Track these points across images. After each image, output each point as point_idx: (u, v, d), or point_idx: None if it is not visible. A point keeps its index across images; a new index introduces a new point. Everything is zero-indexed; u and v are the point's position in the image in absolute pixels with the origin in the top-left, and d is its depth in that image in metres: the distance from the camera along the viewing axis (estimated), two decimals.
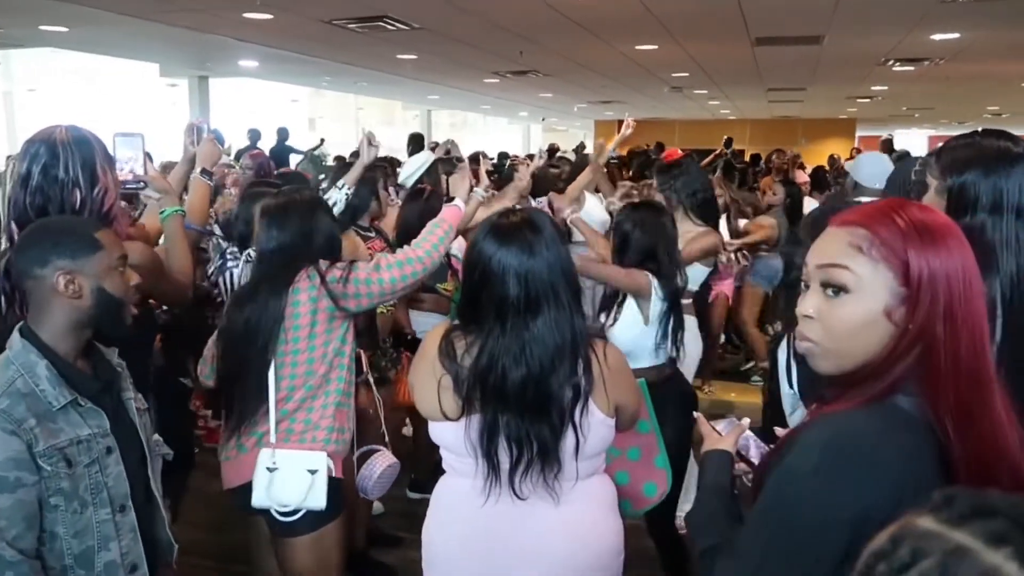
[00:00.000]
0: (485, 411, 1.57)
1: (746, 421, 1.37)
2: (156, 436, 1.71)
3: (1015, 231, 1.62)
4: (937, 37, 6.96)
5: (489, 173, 4.72)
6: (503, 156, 9.08)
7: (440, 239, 2.22)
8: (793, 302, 1.10)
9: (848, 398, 1.01)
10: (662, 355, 2.61)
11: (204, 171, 2.40)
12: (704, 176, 3.47)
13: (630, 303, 2.62)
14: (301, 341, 2.02)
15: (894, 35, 6.95)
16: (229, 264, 2.82)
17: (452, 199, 2.47)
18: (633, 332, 2.57)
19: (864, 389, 1.00)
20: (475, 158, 5.37)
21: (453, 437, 1.61)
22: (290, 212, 2.12)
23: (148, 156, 2.17)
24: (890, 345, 0.99)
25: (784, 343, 2.33)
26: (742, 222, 5.26)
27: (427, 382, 1.63)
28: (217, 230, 3.23)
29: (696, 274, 3.20)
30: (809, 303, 1.03)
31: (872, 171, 3.36)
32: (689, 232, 3.19)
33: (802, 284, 1.08)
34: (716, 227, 3.44)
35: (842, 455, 0.94)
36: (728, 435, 1.31)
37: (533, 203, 5.17)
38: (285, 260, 2.07)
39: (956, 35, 6.87)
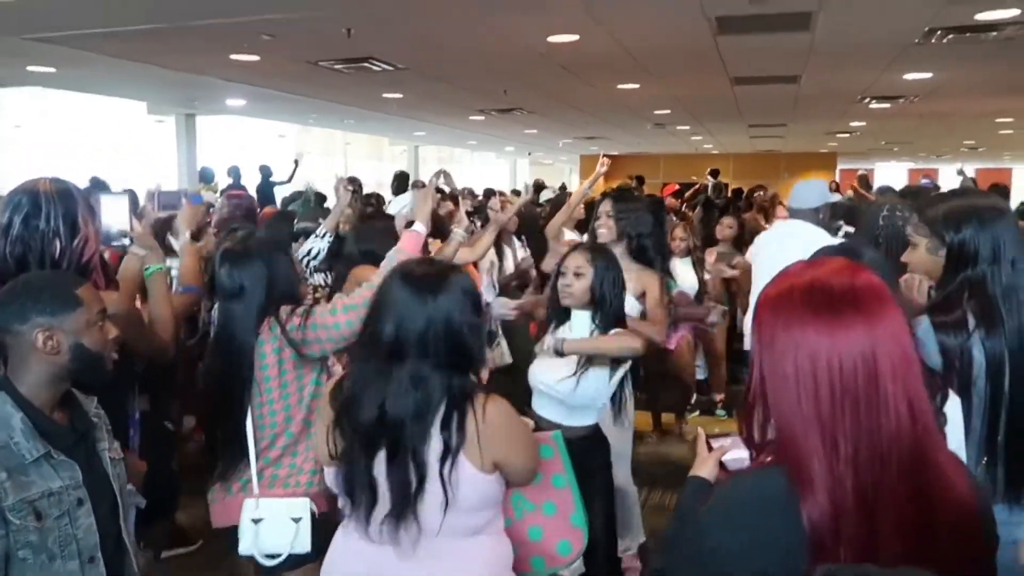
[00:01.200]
0: (348, 449, 1.56)
1: (736, 439, 1.40)
2: (130, 486, 1.72)
3: (1013, 280, 1.73)
4: (910, 76, 7.14)
5: (469, 214, 4.76)
6: (489, 193, 9.17)
7: None
8: None
9: (762, 458, 1.10)
10: (602, 413, 2.54)
11: (192, 236, 2.43)
12: (649, 222, 3.37)
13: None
14: (274, 391, 2.05)
15: (869, 75, 7.13)
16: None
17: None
18: (597, 386, 2.44)
19: (768, 451, 1.08)
20: (455, 197, 5.43)
21: (332, 478, 1.63)
22: (249, 255, 2.12)
23: (136, 211, 2.21)
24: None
25: None
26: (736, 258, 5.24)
27: (320, 427, 1.65)
28: None
29: (631, 310, 3.03)
30: None
31: (804, 195, 3.67)
32: (629, 269, 3.05)
33: None
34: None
35: (725, 513, 1.07)
36: (709, 458, 1.36)
37: (517, 242, 5.24)
38: (246, 305, 2.07)
39: (929, 74, 7.05)
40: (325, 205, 5.92)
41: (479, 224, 5.03)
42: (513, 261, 5.10)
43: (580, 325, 2.49)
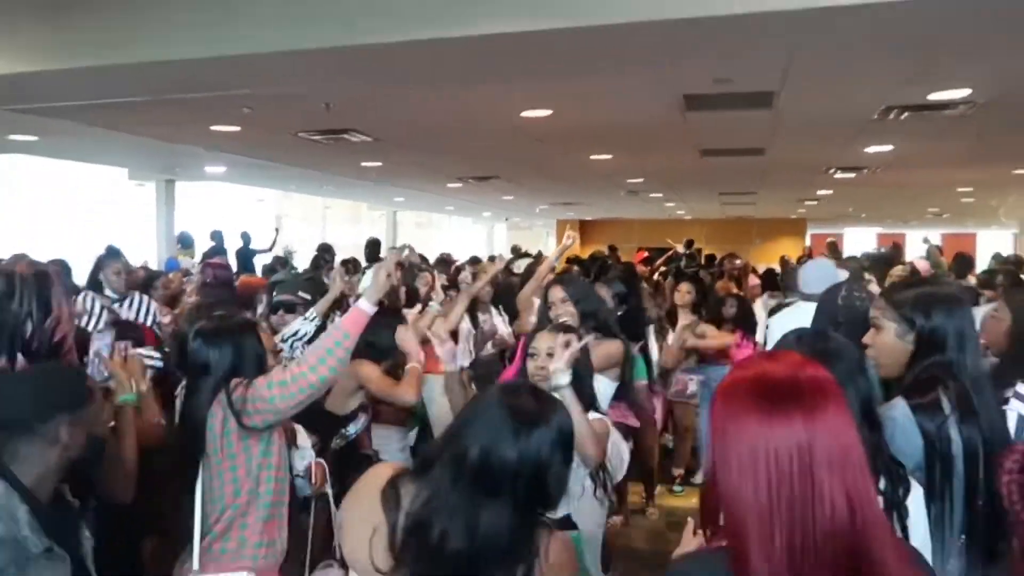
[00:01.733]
0: (415, 571, 1.41)
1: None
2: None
3: (977, 370, 1.80)
4: (871, 150, 7.42)
5: (445, 288, 4.82)
6: (459, 268, 9.21)
7: (328, 350, 2.05)
8: None
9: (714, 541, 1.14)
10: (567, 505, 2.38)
11: (167, 303, 2.50)
12: (595, 297, 3.39)
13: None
14: (223, 462, 2.06)
15: (832, 148, 7.40)
16: None
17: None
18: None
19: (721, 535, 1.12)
20: (430, 269, 5.49)
21: None
22: (220, 335, 2.17)
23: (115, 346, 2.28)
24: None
25: None
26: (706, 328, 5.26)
27: (361, 528, 1.47)
28: None
29: (604, 388, 3.01)
30: None
31: (810, 280, 3.67)
32: (593, 346, 2.94)
33: None
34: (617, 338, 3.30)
35: None
36: (692, 543, 1.39)
37: (494, 310, 5.31)
38: (209, 382, 2.11)
39: (890, 147, 7.33)
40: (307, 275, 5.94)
41: (454, 296, 5.08)
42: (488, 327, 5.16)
43: None
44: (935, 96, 5.02)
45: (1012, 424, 1.89)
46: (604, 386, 2.97)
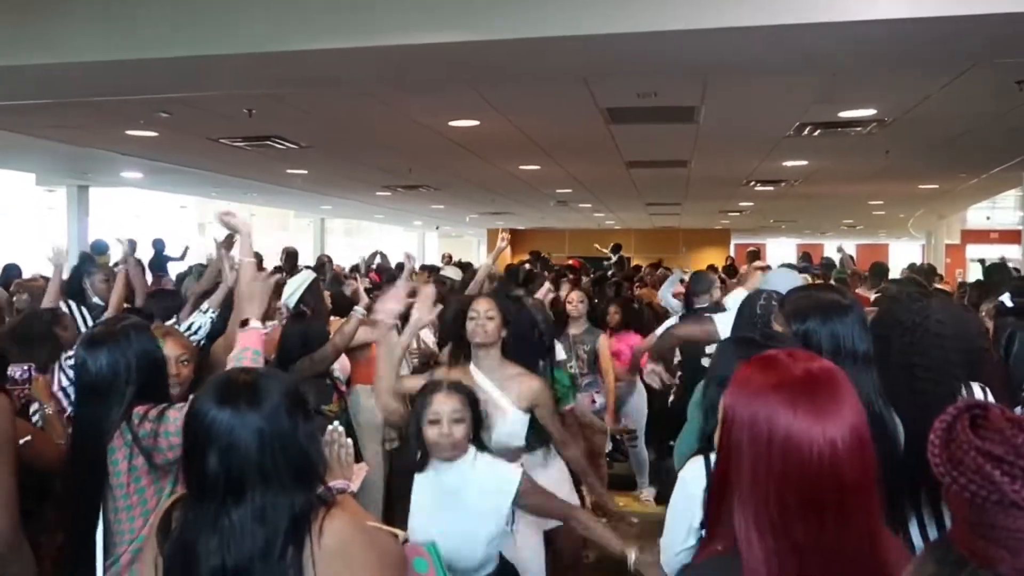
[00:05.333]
0: None
1: None
2: None
3: (855, 376, 1.74)
4: (788, 163, 7.71)
5: (368, 291, 4.76)
6: (400, 266, 9.15)
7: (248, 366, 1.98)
8: None
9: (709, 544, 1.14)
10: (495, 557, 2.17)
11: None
12: (527, 321, 3.19)
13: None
14: (131, 497, 1.93)
15: (751, 161, 7.65)
16: None
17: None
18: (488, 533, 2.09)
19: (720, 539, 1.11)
20: (355, 268, 5.39)
21: None
22: (107, 342, 1.97)
23: None
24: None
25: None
26: None
27: (147, 566, 1.37)
28: None
29: (519, 423, 2.71)
30: None
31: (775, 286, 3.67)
32: (508, 376, 2.75)
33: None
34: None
35: None
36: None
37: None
38: (104, 406, 1.94)
39: (805, 162, 7.64)
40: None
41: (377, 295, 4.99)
42: (418, 341, 5.09)
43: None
44: (845, 114, 5.26)
45: None
46: (519, 420, 2.66)
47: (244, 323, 2.13)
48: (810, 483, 1.00)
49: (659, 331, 4.19)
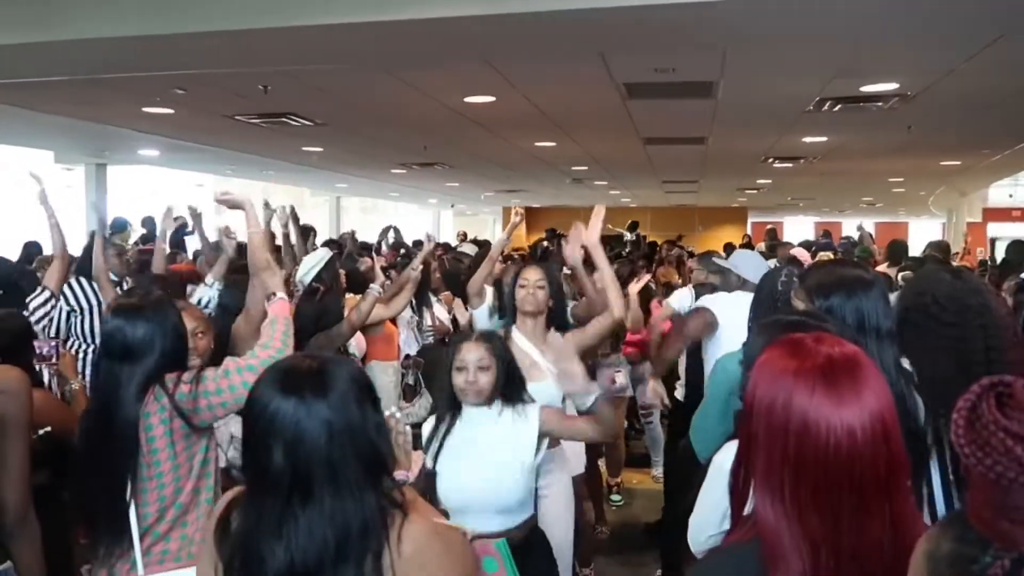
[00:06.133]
0: None
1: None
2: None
3: (877, 352, 1.74)
4: (808, 139, 7.61)
5: (385, 270, 4.76)
6: (417, 243, 9.14)
7: (285, 332, 2.11)
8: None
9: (738, 530, 1.13)
10: (529, 505, 2.26)
11: None
12: (561, 289, 3.30)
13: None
14: (163, 463, 1.96)
15: (770, 137, 7.55)
16: None
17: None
18: (515, 477, 2.18)
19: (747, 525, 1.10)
20: (368, 253, 5.39)
21: None
22: (144, 311, 2.01)
23: None
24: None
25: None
26: None
27: (205, 569, 1.30)
28: None
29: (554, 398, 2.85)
30: None
31: (757, 266, 3.62)
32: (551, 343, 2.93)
33: None
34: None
35: None
36: None
37: (434, 299, 5.27)
38: (133, 371, 1.96)
39: (824, 138, 7.53)
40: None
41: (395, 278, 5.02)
42: (431, 317, 5.12)
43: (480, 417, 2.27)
44: (867, 88, 5.17)
45: None
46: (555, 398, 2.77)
47: (270, 296, 2.23)
48: (825, 473, 0.97)
49: (667, 310, 4.19)
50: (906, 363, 1.82)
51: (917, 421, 1.73)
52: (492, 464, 2.16)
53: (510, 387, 2.26)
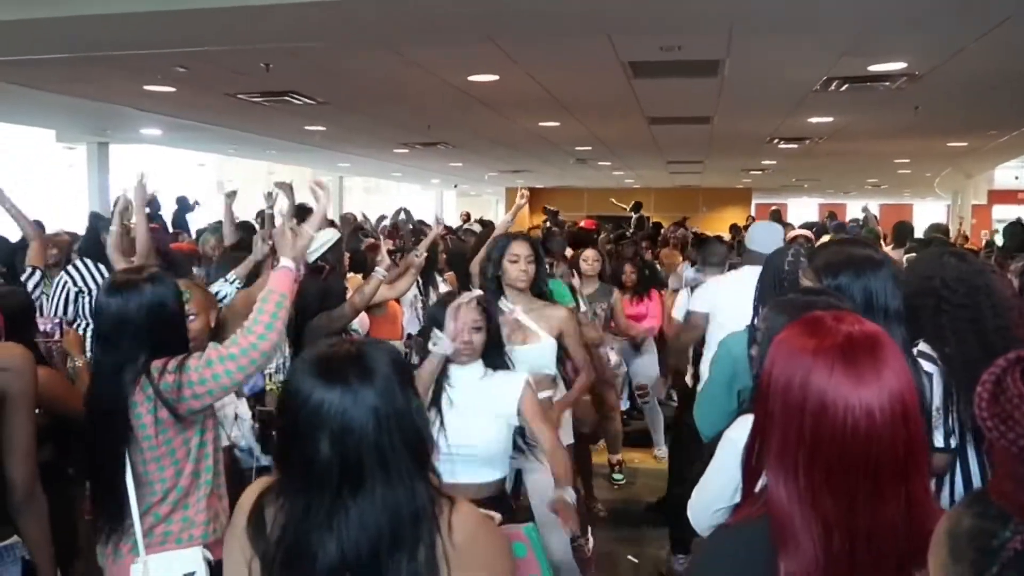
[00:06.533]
0: None
1: None
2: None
3: (886, 331, 1.75)
4: (814, 120, 7.55)
5: (391, 252, 4.75)
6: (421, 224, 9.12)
7: (272, 315, 1.90)
8: None
9: (747, 506, 1.12)
10: (507, 464, 2.34)
11: None
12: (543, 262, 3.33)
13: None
14: (158, 448, 1.95)
15: (775, 118, 7.49)
16: None
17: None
18: (499, 427, 2.26)
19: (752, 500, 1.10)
20: (374, 233, 5.37)
21: None
22: (121, 289, 1.95)
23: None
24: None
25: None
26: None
27: (237, 566, 1.24)
28: None
29: (550, 350, 3.00)
30: None
31: (764, 239, 3.57)
32: (533, 309, 3.04)
33: None
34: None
35: (705, 567, 1.15)
36: None
37: (440, 279, 5.25)
38: (123, 352, 1.93)
39: (831, 118, 7.47)
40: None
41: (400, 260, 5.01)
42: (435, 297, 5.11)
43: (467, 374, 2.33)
44: (874, 68, 5.11)
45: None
46: (550, 347, 2.94)
47: (275, 263, 2.04)
48: (841, 454, 0.96)
49: (676, 310, 4.13)
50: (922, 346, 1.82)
51: (924, 399, 1.73)
52: (478, 413, 2.24)
53: (493, 351, 2.35)
